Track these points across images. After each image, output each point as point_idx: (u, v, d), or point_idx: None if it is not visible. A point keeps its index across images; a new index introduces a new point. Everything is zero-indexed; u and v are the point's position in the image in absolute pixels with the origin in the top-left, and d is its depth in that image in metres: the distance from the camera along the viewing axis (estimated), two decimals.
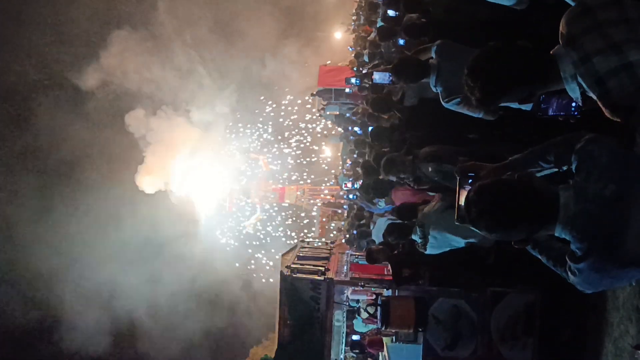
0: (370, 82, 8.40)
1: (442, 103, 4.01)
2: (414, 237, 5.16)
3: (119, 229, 31.29)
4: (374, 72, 5.63)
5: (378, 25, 8.84)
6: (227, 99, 33.67)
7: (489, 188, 1.88)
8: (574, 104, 2.10)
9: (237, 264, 34.17)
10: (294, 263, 6.12)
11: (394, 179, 5.12)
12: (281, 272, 5.77)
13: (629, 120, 1.82)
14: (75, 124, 31.09)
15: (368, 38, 13.03)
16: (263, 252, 34.05)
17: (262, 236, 35.37)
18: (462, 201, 2.19)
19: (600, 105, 1.92)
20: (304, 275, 5.77)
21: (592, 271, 1.81)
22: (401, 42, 6.21)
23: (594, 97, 1.92)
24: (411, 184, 5.04)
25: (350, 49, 22.49)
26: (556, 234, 1.87)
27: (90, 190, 32.11)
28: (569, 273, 1.91)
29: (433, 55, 4.07)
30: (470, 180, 2.24)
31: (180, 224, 33.95)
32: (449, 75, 3.84)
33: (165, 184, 33.73)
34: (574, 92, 2.00)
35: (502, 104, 2.85)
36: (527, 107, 2.87)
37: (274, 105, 34.70)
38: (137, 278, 31.30)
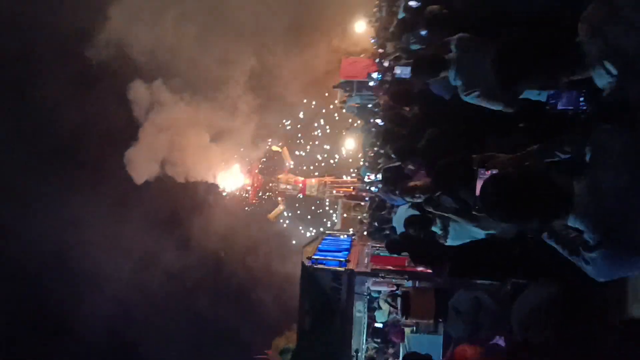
0: (392, 76, 8.39)
1: (462, 96, 4.03)
2: (434, 228, 5.19)
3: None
4: (396, 66, 5.64)
5: (399, 17, 8.80)
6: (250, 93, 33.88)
7: (505, 179, 1.92)
8: (582, 98, 2.12)
9: (258, 256, 34.46)
10: (315, 254, 6.20)
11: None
12: (302, 263, 5.84)
13: None
14: None
15: (390, 29, 12.98)
16: (284, 243, 34.28)
17: (283, 228, 35.58)
18: (478, 191, 2.23)
19: (629, 90, 1.92)
20: (325, 267, 5.82)
21: (605, 260, 1.84)
22: (423, 33, 6.19)
23: (623, 80, 1.92)
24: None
25: (373, 40, 22.37)
26: (570, 224, 1.90)
27: None
28: (583, 262, 1.94)
29: (453, 49, 4.09)
30: (486, 171, 2.28)
31: (205, 214, 34.41)
32: (469, 69, 3.86)
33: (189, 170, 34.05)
34: (601, 78, 2.00)
35: (522, 96, 2.87)
36: (544, 98, 2.89)
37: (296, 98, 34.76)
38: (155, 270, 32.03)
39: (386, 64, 11.31)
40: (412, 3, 7.28)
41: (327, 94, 31.07)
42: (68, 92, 31.99)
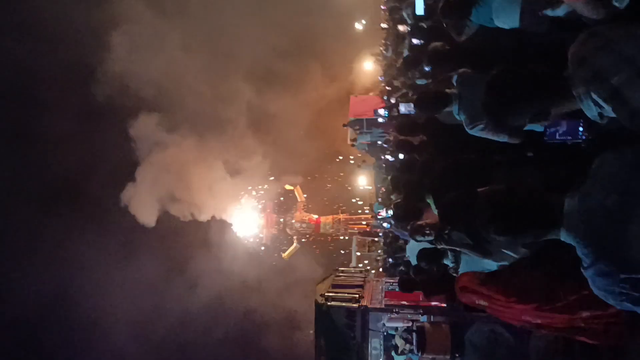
0: (397, 112, 8.52)
1: (467, 130, 4.09)
2: (445, 261, 5.19)
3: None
4: (400, 104, 5.75)
5: (404, 55, 8.99)
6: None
7: (496, 193, 1.99)
8: (580, 129, 2.16)
9: (274, 296, 34.18)
10: (328, 291, 6.19)
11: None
12: (315, 301, 5.84)
13: None
14: None
15: (397, 66, 13.22)
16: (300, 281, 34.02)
17: (298, 265, 35.40)
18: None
19: (619, 118, 1.96)
20: (339, 303, 5.81)
21: (599, 277, 1.86)
22: (426, 69, 6.33)
23: (610, 111, 1.97)
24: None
25: (381, 79, 22.73)
26: (562, 239, 1.95)
27: None
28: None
29: (455, 84, 4.18)
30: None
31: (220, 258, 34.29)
32: (470, 103, 3.93)
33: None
34: (590, 110, 2.05)
35: (526, 128, 2.93)
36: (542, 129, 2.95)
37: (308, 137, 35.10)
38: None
39: (393, 100, 11.48)
40: (415, 41, 7.46)
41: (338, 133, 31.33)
42: (72, 129, 32.28)
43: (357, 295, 6.13)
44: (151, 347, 32.43)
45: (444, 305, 6.41)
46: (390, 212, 11.11)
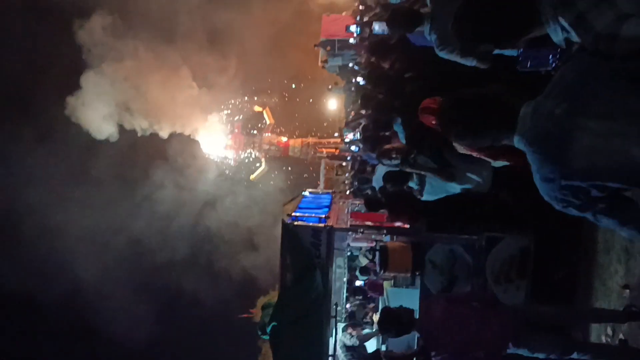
0: (370, 32, 8.34)
1: (436, 51, 4.04)
2: (410, 184, 5.28)
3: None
4: (373, 23, 5.61)
5: None
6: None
7: (461, 100, 2.04)
8: (550, 57, 2.16)
9: (244, 219, 34.54)
10: (295, 212, 6.28)
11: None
12: (282, 220, 5.91)
13: (611, 50, 1.87)
14: None
15: None
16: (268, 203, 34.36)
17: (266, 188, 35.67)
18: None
19: (583, 42, 1.96)
20: (305, 223, 5.90)
21: (544, 183, 1.95)
22: None
23: (576, 35, 1.97)
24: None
25: None
26: (515, 144, 2.02)
27: None
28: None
29: (428, 3, 4.09)
30: None
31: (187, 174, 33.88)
32: (443, 24, 3.85)
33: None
34: (556, 34, 2.04)
35: (494, 52, 2.91)
36: (513, 53, 2.93)
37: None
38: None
39: (366, 18, 11.21)
40: None
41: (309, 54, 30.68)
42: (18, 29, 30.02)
43: (323, 215, 6.26)
44: (108, 270, 32.18)
45: (407, 226, 6.59)
46: (359, 134, 11.14)
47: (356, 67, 16.91)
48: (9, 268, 28.89)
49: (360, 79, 14.21)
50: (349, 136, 16.01)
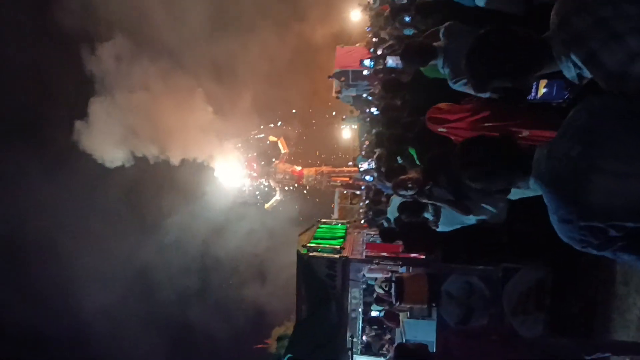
0: (384, 65, 8.46)
1: (450, 84, 4.10)
2: (426, 214, 5.29)
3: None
4: (387, 57, 5.70)
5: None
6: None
7: (475, 143, 2.08)
8: (562, 89, 2.19)
9: (258, 248, 34.43)
10: (309, 242, 6.30)
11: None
12: (297, 252, 5.94)
13: (622, 88, 1.91)
14: None
15: (384, 15, 13.00)
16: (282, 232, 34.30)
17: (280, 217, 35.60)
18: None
19: (596, 79, 2.01)
20: (320, 254, 5.92)
21: (562, 224, 1.96)
22: (407, 19, 6.28)
23: (588, 72, 2.01)
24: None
25: (368, 29, 22.39)
26: (530, 187, 2.04)
27: None
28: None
29: (441, 37, 4.16)
30: None
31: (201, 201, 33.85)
32: (456, 57, 3.92)
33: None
34: (569, 71, 2.08)
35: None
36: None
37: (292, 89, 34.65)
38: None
39: (380, 52, 11.37)
40: None
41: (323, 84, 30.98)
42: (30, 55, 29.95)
43: (339, 247, 6.27)
44: (118, 303, 31.80)
45: (423, 257, 6.57)
46: (373, 163, 11.18)
47: (369, 98, 17.05)
48: (16, 300, 28.77)
49: (374, 109, 14.31)
50: (364, 165, 16.05)
